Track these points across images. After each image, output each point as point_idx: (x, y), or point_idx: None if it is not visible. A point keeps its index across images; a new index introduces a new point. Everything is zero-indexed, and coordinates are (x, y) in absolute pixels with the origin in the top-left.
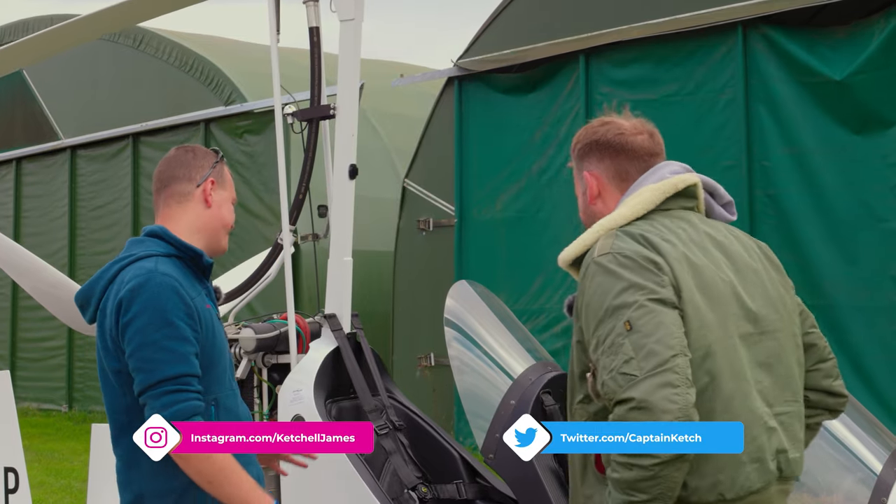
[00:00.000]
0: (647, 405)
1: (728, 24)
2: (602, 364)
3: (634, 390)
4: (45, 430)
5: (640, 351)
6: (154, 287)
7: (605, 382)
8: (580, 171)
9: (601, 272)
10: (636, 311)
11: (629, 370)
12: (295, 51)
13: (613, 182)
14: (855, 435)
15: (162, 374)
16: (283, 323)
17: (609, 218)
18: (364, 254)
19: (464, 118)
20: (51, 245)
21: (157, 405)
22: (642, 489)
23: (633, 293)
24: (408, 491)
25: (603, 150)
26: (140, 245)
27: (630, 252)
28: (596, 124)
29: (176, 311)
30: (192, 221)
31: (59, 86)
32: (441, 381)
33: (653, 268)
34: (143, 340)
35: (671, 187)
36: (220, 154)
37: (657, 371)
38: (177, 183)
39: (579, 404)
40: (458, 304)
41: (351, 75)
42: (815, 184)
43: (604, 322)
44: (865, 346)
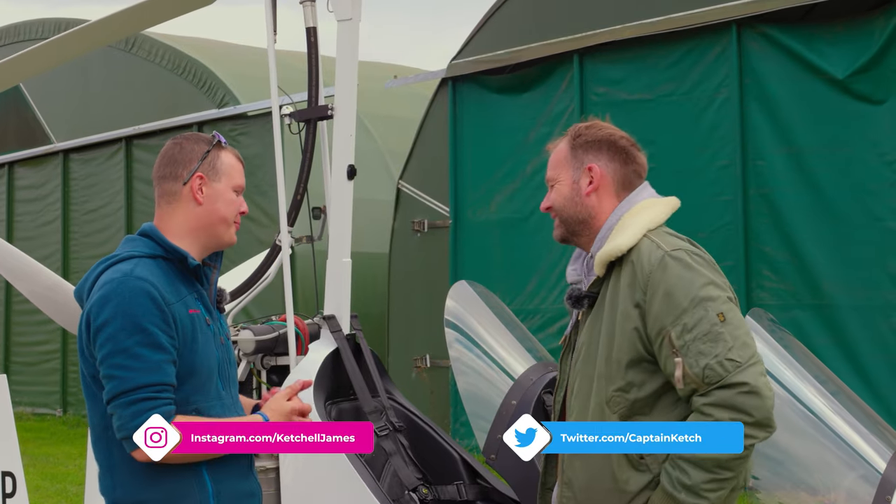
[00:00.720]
0: (756, 389)
1: (722, 23)
2: (697, 349)
3: (744, 375)
4: (39, 434)
5: (736, 341)
6: (126, 291)
7: (709, 366)
8: (579, 161)
9: (680, 265)
10: (724, 305)
11: (735, 356)
12: (290, 53)
13: (615, 185)
14: (858, 433)
15: (133, 382)
16: (282, 325)
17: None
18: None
19: (458, 119)
20: (44, 249)
21: (127, 414)
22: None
23: (715, 289)
24: (408, 492)
25: (616, 153)
26: (129, 244)
27: (699, 252)
28: (604, 125)
29: (149, 317)
30: (184, 221)
31: (52, 89)
32: (437, 383)
33: (719, 269)
34: (113, 347)
35: (675, 205)
36: (215, 140)
37: (754, 361)
38: (165, 182)
39: (617, 392)
40: (459, 305)
41: (349, 75)
42: (811, 182)
43: (690, 311)
44: (863, 344)
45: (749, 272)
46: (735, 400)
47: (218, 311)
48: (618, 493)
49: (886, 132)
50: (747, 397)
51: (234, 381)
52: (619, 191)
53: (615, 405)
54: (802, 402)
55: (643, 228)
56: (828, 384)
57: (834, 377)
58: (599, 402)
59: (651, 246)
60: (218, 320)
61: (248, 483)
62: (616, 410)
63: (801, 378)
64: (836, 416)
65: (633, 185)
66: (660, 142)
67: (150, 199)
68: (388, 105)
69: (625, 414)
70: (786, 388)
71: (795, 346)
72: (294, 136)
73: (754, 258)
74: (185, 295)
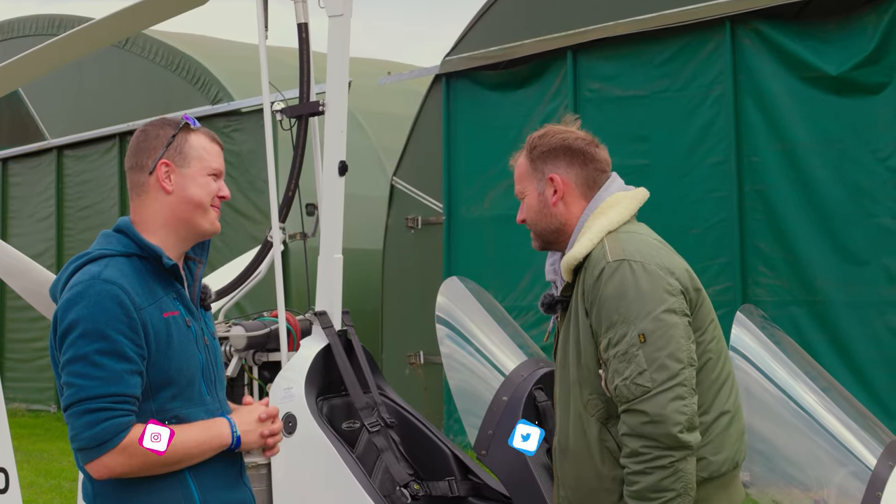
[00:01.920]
0: (659, 418)
1: (716, 20)
2: (614, 368)
3: (647, 404)
4: (33, 430)
5: (652, 363)
6: (93, 295)
7: (618, 387)
8: (540, 172)
9: (617, 277)
10: (650, 324)
11: (643, 381)
12: (282, 49)
13: (580, 189)
14: (849, 429)
15: (89, 391)
16: (274, 321)
17: (604, 222)
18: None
19: (451, 116)
20: (38, 245)
21: (79, 424)
22: (667, 487)
23: (646, 303)
24: (400, 488)
25: (573, 157)
26: (104, 240)
27: (642, 259)
28: (557, 130)
29: (114, 324)
30: (156, 213)
31: (46, 86)
32: (431, 379)
33: (664, 273)
34: (74, 353)
35: (643, 196)
36: (182, 123)
37: (667, 386)
38: (132, 173)
39: (592, 395)
40: (450, 301)
41: (340, 71)
42: (805, 179)
43: (616, 326)
44: (857, 341)
45: (744, 268)
46: (641, 430)
47: (203, 309)
48: (605, 491)
49: (880, 129)
50: (651, 427)
51: (220, 383)
52: (586, 192)
53: (592, 408)
54: (793, 398)
55: (601, 232)
56: (818, 380)
57: (824, 373)
58: (577, 406)
59: (599, 254)
60: (202, 319)
61: (238, 492)
62: (593, 413)
63: (791, 374)
64: (826, 412)
65: (597, 184)
66: (654, 138)
67: None
68: (382, 101)
69: (602, 416)
70: (776, 384)
71: (786, 343)
72: (286, 132)
73: (749, 254)
74: (160, 297)
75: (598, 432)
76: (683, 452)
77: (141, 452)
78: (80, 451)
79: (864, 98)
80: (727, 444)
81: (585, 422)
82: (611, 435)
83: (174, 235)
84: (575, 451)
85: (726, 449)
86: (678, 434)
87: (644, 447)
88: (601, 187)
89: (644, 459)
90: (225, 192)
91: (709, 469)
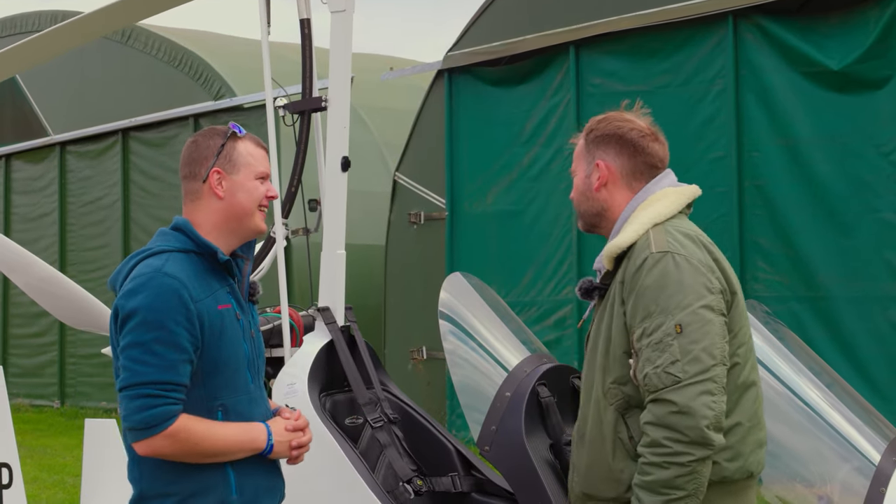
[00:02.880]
0: (688, 410)
1: (718, 14)
2: (646, 356)
3: (677, 394)
4: (37, 426)
5: (686, 355)
6: (154, 287)
7: (648, 375)
8: (591, 156)
9: (658, 268)
10: (688, 317)
11: (675, 371)
12: (285, 45)
13: (625, 179)
14: (853, 425)
15: (144, 377)
16: (277, 316)
17: (651, 214)
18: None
19: (454, 111)
20: (41, 241)
21: (132, 406)
22: (679, 485)
23: (686, 296)
24: (403, 484)
25: (623, 146)
26: (162, 238)
27: (686, 253)
28: (618, 118)
29: (172, 315)
30: (209, 217)
31: (48, 82)
32: (434, 375)
33: (706, 271)
34: (133, 339)
35: (692, 193)
36: (230, 132)
37: (698, 379)
38: (186, 182)
39: (614, 384)
40: (453, 297)
41: (342, 67)
42: (807, 174)
43: (653, 316)
44: (859, 336)
45: (744, 264)
46: (667, 419)
47: (251, 303)
48: (613, 482)
49: (882, 123)
50: (678, 417)
51: (262, 373)
52: (631, 183)
53: (612, 397)
54: (797, 394)
55: (647, 223)
56: (822, 376)
57: (829, 369)
58: (598, 393)
59: (643, 244)
60: (249, 313)
61: (271, 478)
62: (612, 402)
63: (795, 370)
64: (830, 408)
65: (645, 176)
66: None
67: (147, 191)
68: (385, 97)
69: (622, 406)
70: (780, 380)
71: (790, 338)
72: (289, 128)
73: (749, 250)
74: (216, 290)
75: (613, 422)
76: (705, 451)
77: (184, 440)
78: (130, 431)
79: (867, 93)
80: (743, 452)
81: (603, 410)
82: (626, 426)
83: (226, 235)
84: (590, 439)
85: (741, 457)
86: (705, 429)
87: (667, 438)
88: (652, 180)
89: (664, 452)
90: (273, 192)
91: (720, 474)
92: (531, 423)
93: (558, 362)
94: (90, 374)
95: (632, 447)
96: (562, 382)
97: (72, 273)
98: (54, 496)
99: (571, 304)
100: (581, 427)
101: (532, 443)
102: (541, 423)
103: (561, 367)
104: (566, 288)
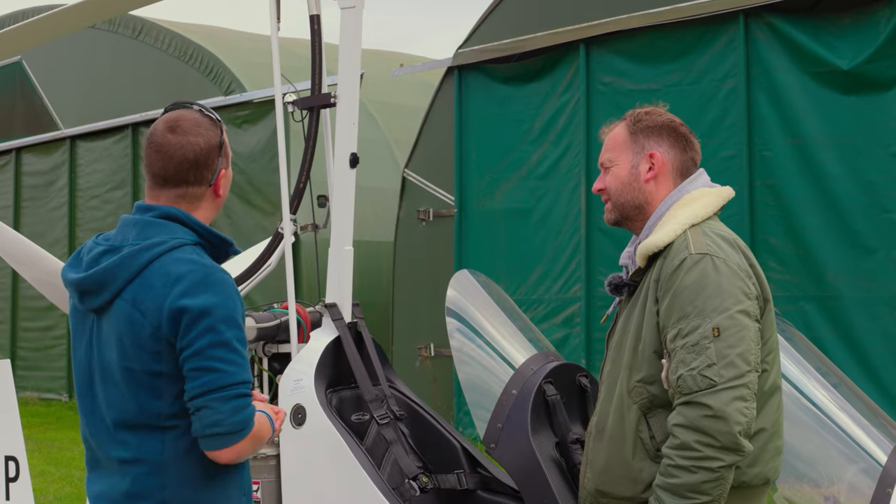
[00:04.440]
0: (722, 414)
1: (729, 13)
2: (680, 357)
3: (713, 398)
4: (45, 419)
5: (722, 359)
6: (218, 283)
7: (682, 377)
8: (639, 146)
9: (697, 269)
10: (726, 321)
11: (711, 374)
12: (294, 41)
13: (675, 172)
14: (859, 426)
15: (234, 377)
16: (284, 312)
17: (688, 214)
18: (364, 244)
19: (463, 108)
20: (50, 235)
21: (227, 409)
22: (706, 490)
23: (724, 300)
24: (409, 480)
25: (677, 139)
26: (162, 230)
27: (725, 256)
28: (664, 112)
29: (240, 313)
30: (206, 215)
31: (59, 76)
32: (441, 371)
33: (744, 276)
34: (214, 339)
35: (728, 195)
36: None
37: (734, 384)
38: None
39: (640, 383)
40: (460, 294)
41: (352, 63)
42: (817, 174)
43: (689, 318)
44: (868, 336)
45: None
46: (700, 423)
47: None
48: (630, 481)
49: (892, 123)
50: (711, 421)
51: None
52: (677, 178)
53: (637, 395)
54: (805, 394)
55: (685, 223)
56: (830, 376)
57: (836, 369)
58: (622, 390)
59: (681, 245)
60: None
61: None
62: (637, 401)
63: (803, 370)
64: (838, 408)
65: (689, 173)
66: None
67: None
68: (394, 93)
69: (645, 405)
70: (788, 380)
71: (798, 339)
72: (298, 123)
73: (760, 249)
74: None
75: (636, 420)
76: (735, 457)
77: (258, 437)
78: (219, 437)
79: (877, 93)
80: (762, 458)
81: (627, 407)
82: (647, 426)
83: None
84: (610, 435)
85: (760, 463)
86: (738, 434)
87: (698, 442)
88: (688, 178)
89: (694, 456)
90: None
91: (740, 479)
92: (537, 421)
93: (565, 360)
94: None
95: (652, 447)
96: (568, 381)
97: None
98: (61, 490)
99: (579, 302)
100: (600, 423)
101: (538, 441)
102: (547, 422)
103: (568, 366)
104: (574, 286)
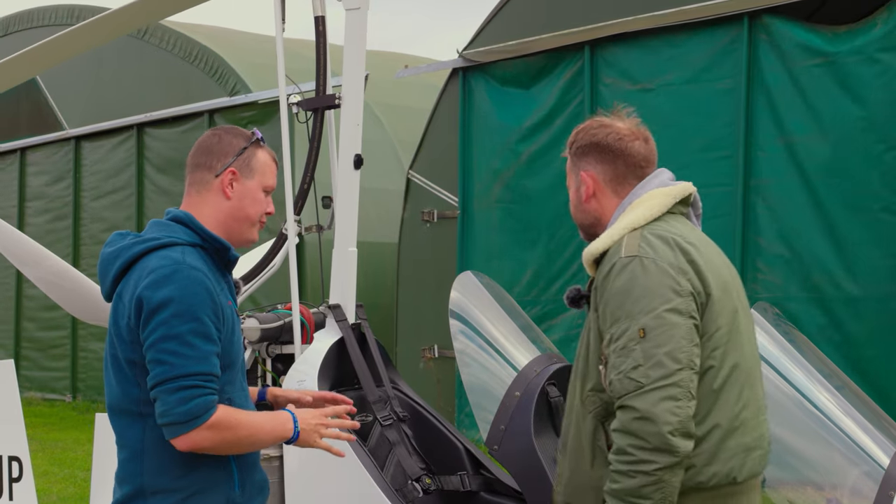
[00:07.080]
0: (649, 416)
1: (734, 16)
2: (612, 362)
3: (639, 400)
4: (48, 419)
5: (649, 360)
6: (183, 279)
7: (612, 381)
8: (576, 168)
9: (625, 273)
10: (652, 320)
11: (636, 376)
12: (299, 42)
13: (610, 185)
14: (862, 428)
15: (182, 369)
16: (288, 313)
17: (631, 218)
18: (368, 245)
19: (468, 109)
20: (54, 235)
21: (172, 400)
22: (646, 495)
23: (651, 300)
24: (412, 482)
25: (602, 153)
26: (165, 230)
27: (655, 256)
28: (594, 125)
29: (203, 307)
30: (212, 213)
31: (64, 76)
32: (445, 373)
33: (675, 273)
34: (166, 332)
35: (681, 192)
36: (254, 138)
37: (662, 384)
38: (199, 171)
39: (591, 392)
40: (463, 296)
41: (356, 65)
42: (812, 175)
43: (619, 322)
44: (861, 337)
45: (745, 264)
46: (630, 426)
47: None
48: (593, 490)
49: (889, 129)
50: (640, 423)
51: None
52: (616, 188)
53: (590, 404)
54: (807, 396)
55: (624, 228)
56: (832, 379)
57: (839, 372)
58: (577, 401)
59: (615, 250)
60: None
61: (261, 473)
62: (591, 409)
63: (805, 372)
64: (840, 411)
65: (630, 179)
66: (669, 132)
67: (160, 186)
68: (399, 94)
69: (600, 413)
70: (790, 383)
71: (800, 341)
72: (302, 124)
73: (752, 250)
74: (224, 286)
75: (592, 430)
76: (669, 459)
77: (224, 429)
78: (170, 426)
79: (874, 98)
80: (720, 456)
81: (582, 417)
82: (605, 434)
83: (222, 236)
84: (571, 448)
85: (718, 462)
86: (668, 435)
87: (630, 446)
88: (639, 183)
89: (630, 460)
90: (271, 208)
91: (695, 479)
92: (540, 422)
93: (568, 362)
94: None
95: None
96: None
97: (84, 267)
98: (65, 490)
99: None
100: (564, 436)
101: (541, 443)
102: (550, 423)
103: (570, 368)
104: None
